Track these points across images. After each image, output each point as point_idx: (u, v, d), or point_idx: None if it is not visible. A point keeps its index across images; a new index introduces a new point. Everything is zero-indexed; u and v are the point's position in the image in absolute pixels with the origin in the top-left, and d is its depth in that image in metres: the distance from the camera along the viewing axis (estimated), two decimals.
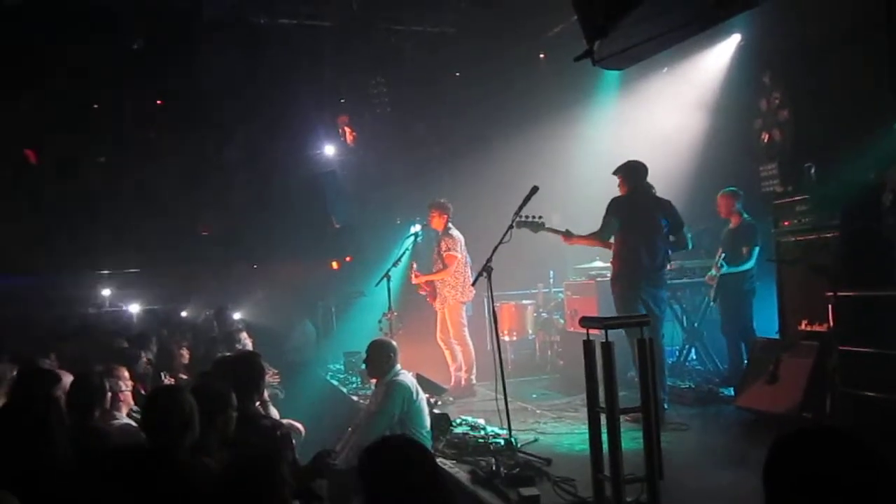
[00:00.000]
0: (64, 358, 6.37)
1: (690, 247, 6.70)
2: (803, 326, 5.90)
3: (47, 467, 2.83)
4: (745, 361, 6.87)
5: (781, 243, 6.29)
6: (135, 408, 4.91)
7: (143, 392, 5.42)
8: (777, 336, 6.32)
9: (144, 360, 6.57)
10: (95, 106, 11.70)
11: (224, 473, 2.65)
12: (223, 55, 10.05)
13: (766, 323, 6.94)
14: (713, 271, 7.43)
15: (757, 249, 7.19)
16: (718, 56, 8.68)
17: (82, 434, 3.70)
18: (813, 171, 6.15)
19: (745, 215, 7.42)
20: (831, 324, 5.31)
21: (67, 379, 4.27)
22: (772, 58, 8.02)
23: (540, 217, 6.29)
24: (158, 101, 11.98)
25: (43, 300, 11.31)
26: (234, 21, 9.97)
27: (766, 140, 8.22)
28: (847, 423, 4.98)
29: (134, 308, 12.70)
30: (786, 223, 6.26)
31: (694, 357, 8.21)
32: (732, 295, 7.33)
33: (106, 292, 13.55)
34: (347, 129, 11.89)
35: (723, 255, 7.25)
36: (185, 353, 7.35)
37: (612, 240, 6.38)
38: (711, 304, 7.68)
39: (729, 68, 8.60)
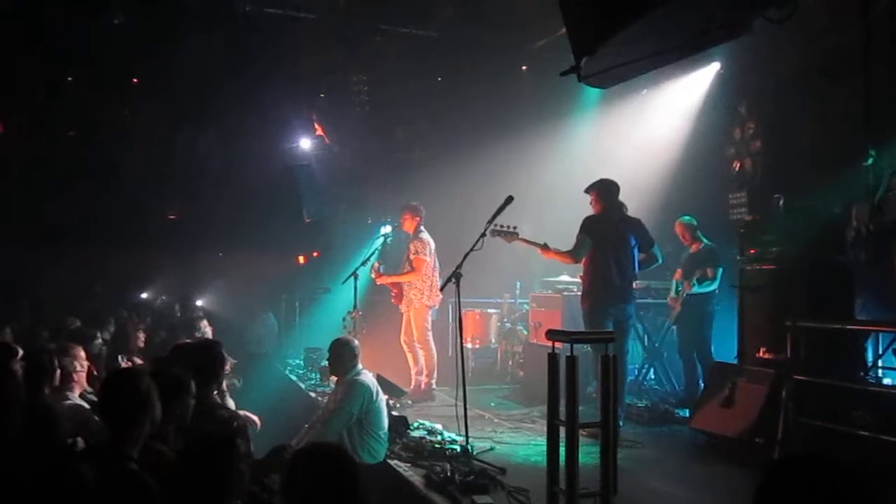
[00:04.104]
0: (16, 333, 6.23)
1: (661, 260, 6.80)
2: (761, 353, 5.99)
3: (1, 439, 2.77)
4: (702, 384, 6.98)
5: (746, 270, 6.39)
6: (88, 389, 4.81)
7: (95, 373, 5.32)
8: (735, 361, 6.42)
9: (99, 340, 6.45)
10: (70, 79, 11.45)
11: (182, 455, 2.62)
12: (205, 39, 9.91)
13: (725, 348, 7.06)
14: (675, 293, 7.57)
15: (721, 270, 7.34)
16: (697, 82, 8.82)
17: (30, 411, 3.61)
18: (781, 201, 6.27)
19: (705, 240, 7.60)
20: (788, 352, 5.41)
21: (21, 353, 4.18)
22: (749, 88, 8.17)
23: (514, 227, 6.32)
24: (135, 80, 11.77)
25: None
26: (219, 6, 9.85)
27: (737, 168, 8.36)
28: (796, 451, 5.08)
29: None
30: (751, 251, 6.37)
31: (652, 377, 8.31)
32: (694, 317, 7.45)
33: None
34: (317, 125, 11.80)
35: (697, 273, 7.37)
36: (142, 336, 7.23)
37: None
38: (672, 326, 7.80)
39: (707, 95, 8.74)
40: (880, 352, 5.56)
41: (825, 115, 6.66)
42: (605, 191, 6.51)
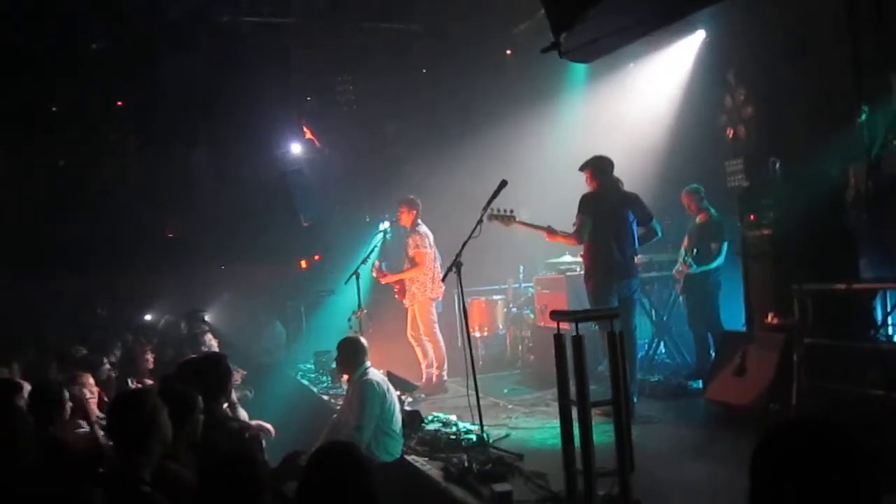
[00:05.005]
0: (24, 366, 6.22)
1: (661, 234, 6.72)
2: (769, 319, 5.96)
3: (13, 477, 2.75)
4: (713, 354, 6.95)
5: (747, 237, 6.35)
6: (100, 415, 4.81)
7: (105, 399, 5.31)
8: (744, 329, 6.39)
9: (106, 366, 6.44)
10: (54, 109, 11.41)
11: (204, 475, 2.61)
12: (186, 54, 9.86)
13: (734, 316, 7.03)
14: (679, 266, 7.52)
15: (726, 245, 7.28)
16: (684, 52, 8.74)
17: (41, 444, 3.59)
18: (778, 165, 6.23)
19: (713, 210, 7.51)
20: (797, 316, 5.37)
21: (28, 388, 4.17)
22: (736, 55, 8.10)
23: (511, 210, 6.32)
24: (119, 103, 11.71)
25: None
26: (197, 20, 9.79)
27: (730, 136, 8.30)
28: (811, 415, 5.05)
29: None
30: (751, 217, 6.33)
31: (663, 351, 8.29)
32: (699, 289, 7.40)
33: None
34: (306, 129, 11.77)
35: (694, 251, 7.31)
36: (150, 357, 7.21)
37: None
38: (679, 297, 7.76)
39: (694, 64, 8.67)
40: (889, 310, 5.52)
41: (815, 76, 6.59)
42: (598, 168, 6.45)
